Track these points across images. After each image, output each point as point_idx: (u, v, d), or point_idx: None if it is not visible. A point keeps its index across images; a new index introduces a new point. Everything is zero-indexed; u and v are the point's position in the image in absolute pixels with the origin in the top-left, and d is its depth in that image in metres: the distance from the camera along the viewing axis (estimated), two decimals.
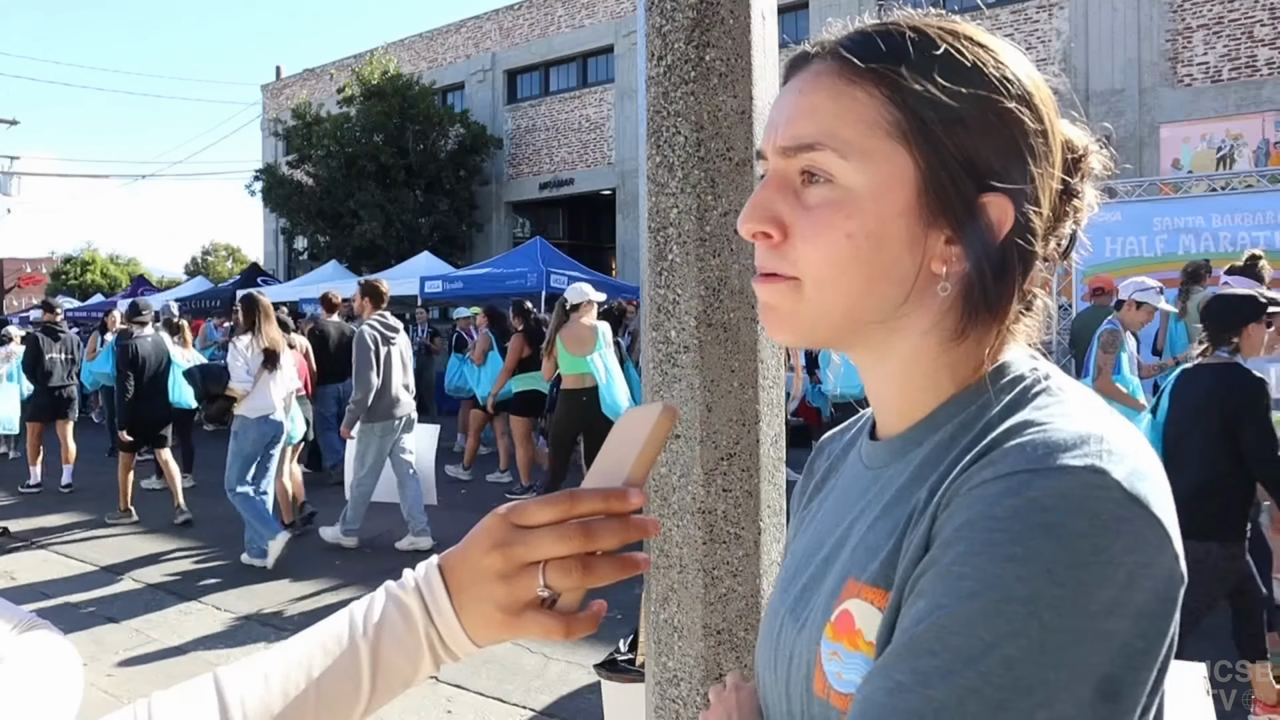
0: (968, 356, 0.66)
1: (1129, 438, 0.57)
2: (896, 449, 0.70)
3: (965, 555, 0.53)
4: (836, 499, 0.77)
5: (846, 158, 0.63)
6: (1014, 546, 0.51)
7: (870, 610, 0.62)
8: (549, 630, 0.60)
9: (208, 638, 4.69)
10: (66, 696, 0.91)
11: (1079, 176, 0.68)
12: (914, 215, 0.63)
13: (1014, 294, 0.65)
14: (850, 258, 0.63)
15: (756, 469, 1.82)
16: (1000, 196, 0.63)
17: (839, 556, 0.69)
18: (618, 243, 19.12)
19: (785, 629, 0.73)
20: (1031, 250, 0.65)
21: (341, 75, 20.87)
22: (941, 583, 0.53)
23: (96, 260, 44.24)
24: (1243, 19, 12.50)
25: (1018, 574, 0.50)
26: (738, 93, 1.79)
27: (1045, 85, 0.67)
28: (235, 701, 0.60)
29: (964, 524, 0.54)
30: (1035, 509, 0.51)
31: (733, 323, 1.80)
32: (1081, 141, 0.69)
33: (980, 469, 0.56)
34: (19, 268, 45.43)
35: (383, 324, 6.01)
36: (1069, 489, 0.52)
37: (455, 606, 0.63)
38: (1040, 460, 0.54)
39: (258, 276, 18.96)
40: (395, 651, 0.63)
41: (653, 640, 1.87)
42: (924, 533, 0.58)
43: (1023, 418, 0.59)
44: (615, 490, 0.60)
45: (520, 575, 0.60)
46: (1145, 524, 0.52)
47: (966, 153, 0.63)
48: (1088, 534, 0.51)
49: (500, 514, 0.62)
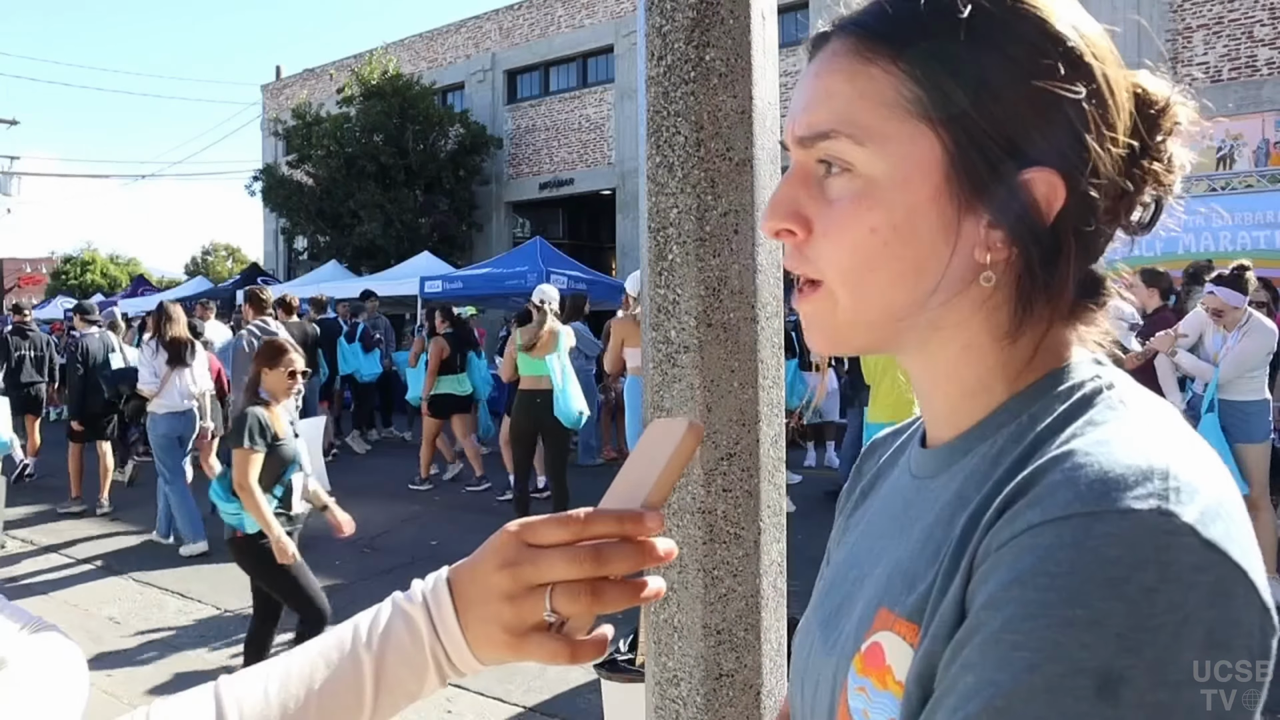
0: (1019, 356, 0.59)
1: (1201, 466, 0.49)
2: (943, 459, 0.63)
3: (1018, 619, 0.45)
4: (879, 509, 0.72)
5: (864, 144, 0.57)
6: (1075, 608, 0.44)
7: (903, 646, 0.56)
8: (554, 654, 0.58)
9: (208, 638, 4.69)
10: (73, 698, 0.91)
11: (1161, 135, 0.59)
12: (946, 200, 0.57)
13: (1069, 282, 0.57)
14: (878, 254, 0.58)
15: (756, 469, 1.82)
16: (1047, 171, 0.55)
17: (872, 577, 0.64)
18: (618, 243, 19.11)
19: (815, 647, 0.68)
20: (1094, 230, 0.57)
21: (341, 75, 20.87)
22: (992, 653, 0.46)
23: (96, 260, 44.23)
24: (1243, 19, 12.50)
25: (1083, 640, 0.43)
26: (738, 93, 1.79)
27: (1103, 37, 0.59)
28: (233, 709, 0.60)
29: (1013, 580, 0.47)
30: (1097, 562, 0.44)
31: (733, 323, 1.79)
32: (1161, 93, 0.59)
33: (1026, 508, 0.49)
34: (19, 268, 45.41)
35: (261, 329, 6.50)
36: (1134, 537, 0.45)
37: (462, 624, 0.61)
38: (1098, 501, 0.46)
39: (258, 276, 18.96)
40: (400, 666, 0.62)
41: (653, 640, 1.87)
42: (963, 576, 0.52)
43: (1076, 439, 0.52)
44: (631, 513, 0.57)
45: (527, 597, 0.58)
46: (1226, 574, 0.45)
47: (1000, 125, 0.55)
48: (1159, 588, 0.44)
49: (511, 530, 0.59)
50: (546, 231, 17.97)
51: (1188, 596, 0.44)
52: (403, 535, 6.61)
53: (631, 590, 0.57)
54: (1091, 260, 0.59)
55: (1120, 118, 0.57)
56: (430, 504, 7.27)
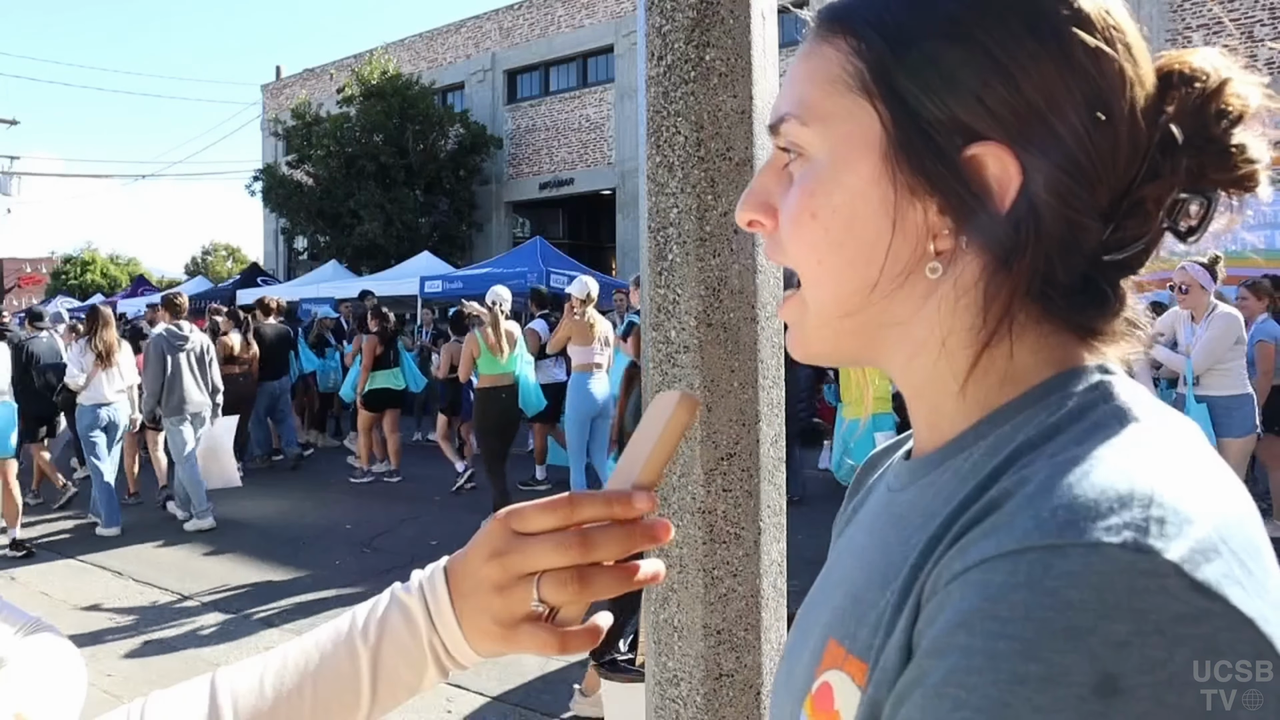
0: (1008, 366, 0.52)
1: (1197, 492, 0.41)
2: (916, 471, 0.57)
3: (960, 672, 0.38)
4: (856, 525, 0.66)
5: (807, 123, 0.54)
6: (1028, 663, 0.37)
7: (851, 688, 0.50)
8: (544, 645, 0.56)
9: (208, 637, 4.69)
10: (70, 697, 0.91)
11: (1211, 120, 0.49)
12: (886, 181, 0.51)
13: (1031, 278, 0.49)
14: (821, 241, 0.53)
15: (756, 469, 1.82)
16: (996, 147, 0.48)
17: (829, 603, 0.58)
18: (618, 243, 19.12)
19: (781, 679, 0.64)
20: (1077, 224, 0.48)
21: (341, 75, 20.89)
22: (931, 711, 0.39)
23: (96, 260, 44.24)
24: (1243, 19, 12.50)
25: (1035, 703, 0.36)
26: (738, 93, 1.79)
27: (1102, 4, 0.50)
28: (227, 702, 0.60)
29: (958, 624, 0.40)
30: (1055, 606, 0.37)
31: (733, 323, 1.80)
32: (1213, 70, 0.49)
33: (982, 537, 0.42)
34: (19, 268, 45.42)
35: (171, 333, 7.00)
36: (1101, 578, 0.37)
37: (458, 615, 0.60)
38: (1060, 532, 0.39)
39: (258, 276, 18.98)
40: (397, 657, 0.61)
41: (653, 640, 1.87)
42: (910, 611, 0.45)
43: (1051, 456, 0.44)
44: (619, 494, 0.55)
45: (516, 587, 0.56)
46: (1223, 624, 0.36)
47: (942, 96, 0.49)
48: (1130, 644, 0.36)
49: (500, 519, 0.58)
50: (546, 231, 17.98)
51: (1170, 655, 0.35)
52: (403, 535, 6.61)
53: (623, 575, 0.55)
54: (1080, 260, 0.49)
55: (1125, 95, 0.48)
56: (430, 504, 7.27)
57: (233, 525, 7.07)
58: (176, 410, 6.88)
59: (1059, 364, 0.51)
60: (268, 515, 7.42)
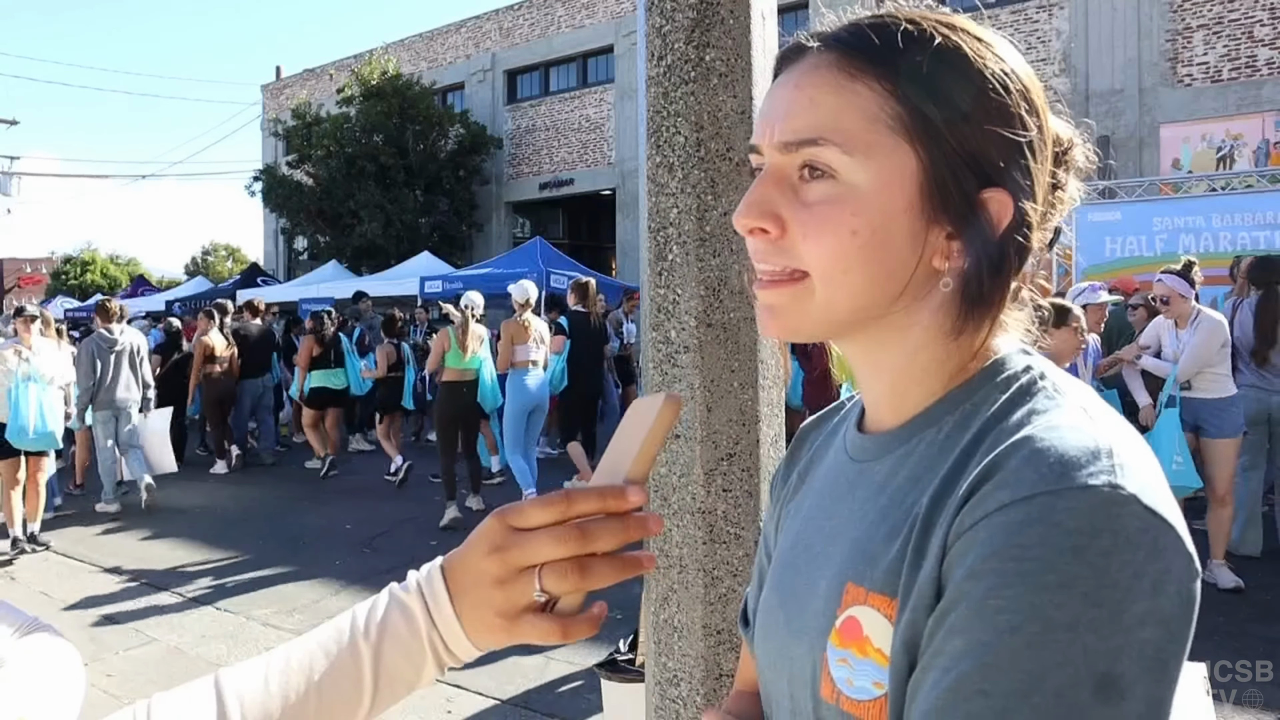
0: (961, 351, 0.67)
1: (1133, 444, 0.57)
2: (885, 444, 0.69)
3: (998, 587, 0.52)
4: (820, 492, 0.77)
5: (851, 154, 0.63)
6: (1048, 574, 0.51)
7: (878, 618, 0.61)
8: (546, 634, 0.59)
9: (208, 638, 4.68)
10: (68, 698, 0.91)
11: (1065, 169, 0.69)
12: (917, 211, 0.63)
13: (1009, 289, 0.66)
14: (856, 255, 0.63)
15: (756, 469, 1.82)
16: (1000, 192, 0.63)
17: (831, 556, 0.69)
18: (618, 243, 19.12)
19: (780, 628, 0.72)
20: (1027, 245, 0.66)
21: (341, 75, 20.89)
22: (978, 618, 0.53)
23: (96, 260, 44.23)
24: (1243, 19, 12.50)
25: (1056, 601, 0.50)
26: (738, 93, 1.79)
27: (1037, 79, 0.68)
28: (234, 702, 0.60)
29: (990, 554, 0.53)
30: (1062, 533, 0.51)
31: (733, 323, 1.80)
32: (1067, 134, 0.70)
33: (994, 490, 0.55)
34: (19, 268, 45.42)
35: (103, 337, 7.70)
36: (1092, 509, 0.52)
37: (457, 611, 0.62)
38: (1058, 480, 0.53)
39: (258, 276, 18.96)
40: (397, 654, 0.62)
41: (653, 640, 1.87)
42: (937, 552, 0.57)
43: (1026, 427, 0.59)
44: (613, 488, 0.59)
45: (517, 580, 0.59)
46: (1161, 532, 0.53)
47: (968, 148, 0.63)
48: (1114, 551, 0.51)
49: (497, 516, 0.61)
50: (546, 231, 18.00)
51: (1136, 555, 0.51)
52: (403, 535, 6.61)
53: (620, 564, 0.59)
54: (1022, 268, 0.67)
55: (1048, 151, 0.67)
56: (430, 504, 7.26)
57: (233, 525, 7.08)
58: (104, 405, 7.66)
59: (994, 349, 0.67)
60: (268, 515, 7.42)
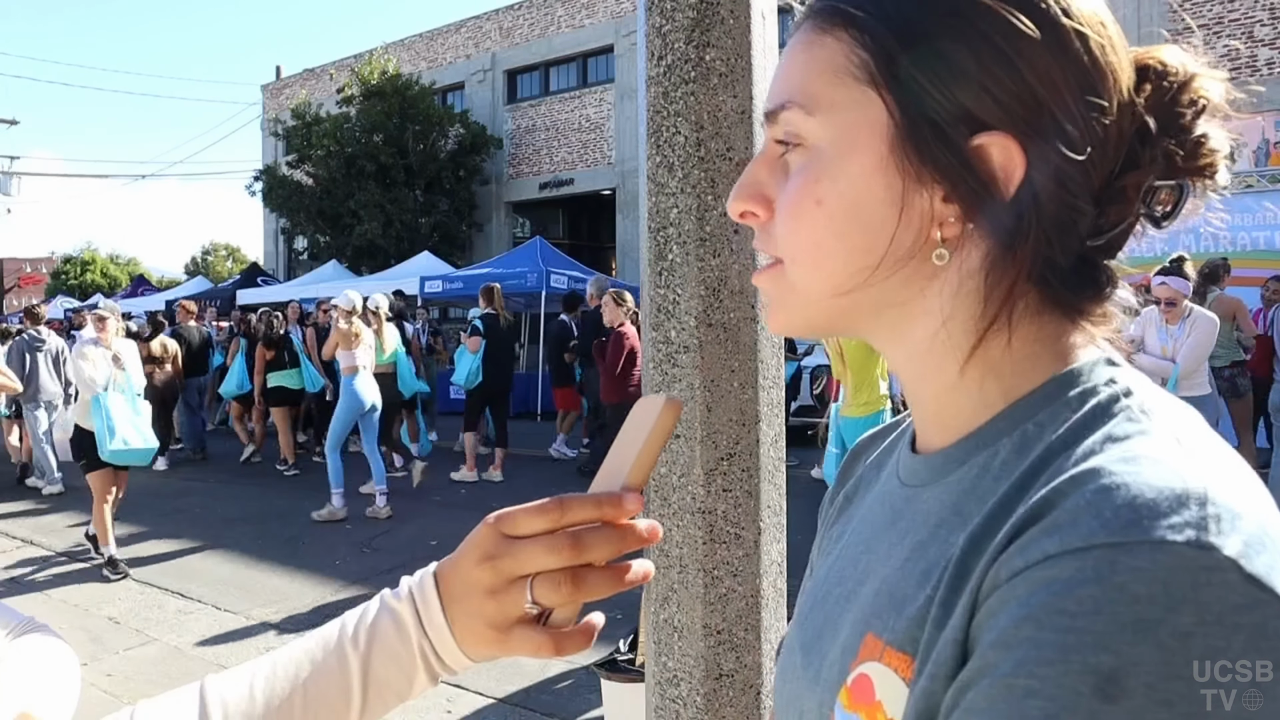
0: (1016, 355, 0.53)
1: (1241, 487, 0.43)
2: (937, 467, 0.57)
3: (1031, 663, 0.40)
4: (865, 518, 0.66)
5: (812, 113, 0.54)
6: (1100, 654, 0.38)
7: (894, 680, 0.51)
8: (539, 647, 0.56)
9: (207, 638, 4.68)
10: (63, 698, 0.91)
11: (1181, 112, 0.52)
12: (893, 170, 0.52)
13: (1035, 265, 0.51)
14: (824, 228, 0.54)
15: (756, 469, 1.82)
16: (1002, 136, 0.50)
17: (860, 597, 0.58)
18: (618, 243, 19.11)
19: (798, 672, 0.63)
20: (1072, 209, 0.50)
21: (341, 75, 20.86)
22: (1002, 702, 0.41)
23: (96, 260, 44.25)
24: (1243, 19, 12.50)
25: (1107, 692, 0.38)
26: (738, 93, 1.79)
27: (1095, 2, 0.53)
28: (217, 709, 0.59)
29: (1025, 618, 0.41)
30: (1125, 600, 0.39)
31: (733, 323, 1.79)
32: (1182, 66, 0.53)
33: (1041, 535, 0.43)
34: (19, 268, 45.42)
35: (32, 337, 8.73)
36: (1170, 573, 0.39)
37: (449, 620, 0.59)
38: (1126, 530, 0.40)
39: (258, 276, 18.98)
40: (387, 662, 0.61)
41: (653, 640, 1.87)
42: (966, 607, 0.46)
43: (1095, 456, 0.46)
44: (609, 496, 0.55)
45: (509, 590, 0.56)
46: (1273, 612, 0.39)
47: (948, 86, 0.50)
48: (1196, 633, 0.38)
49: (490, 523, 0.58)
50: (546, 231, 17.98)
51: (1229, 641, 0.38)
52: (403, 535, 6.61)
53: (615, 575, 0.55)
54: (1076, 244, 0.52)
55: (1111, 85, 0.51)
56: (430, 504, 7.27)
57: (233, 525, 7.08)
58: (33, 399, 8.55)
59: (1061, 352, 0.53)
60: (267, 515, 7.42)
